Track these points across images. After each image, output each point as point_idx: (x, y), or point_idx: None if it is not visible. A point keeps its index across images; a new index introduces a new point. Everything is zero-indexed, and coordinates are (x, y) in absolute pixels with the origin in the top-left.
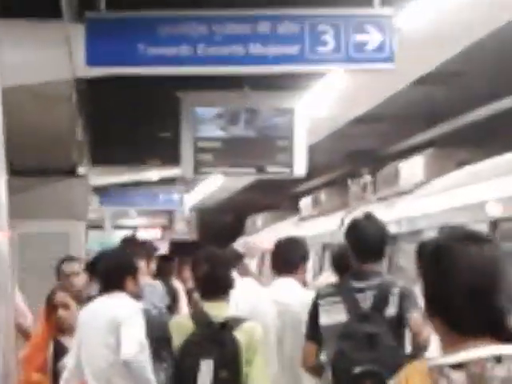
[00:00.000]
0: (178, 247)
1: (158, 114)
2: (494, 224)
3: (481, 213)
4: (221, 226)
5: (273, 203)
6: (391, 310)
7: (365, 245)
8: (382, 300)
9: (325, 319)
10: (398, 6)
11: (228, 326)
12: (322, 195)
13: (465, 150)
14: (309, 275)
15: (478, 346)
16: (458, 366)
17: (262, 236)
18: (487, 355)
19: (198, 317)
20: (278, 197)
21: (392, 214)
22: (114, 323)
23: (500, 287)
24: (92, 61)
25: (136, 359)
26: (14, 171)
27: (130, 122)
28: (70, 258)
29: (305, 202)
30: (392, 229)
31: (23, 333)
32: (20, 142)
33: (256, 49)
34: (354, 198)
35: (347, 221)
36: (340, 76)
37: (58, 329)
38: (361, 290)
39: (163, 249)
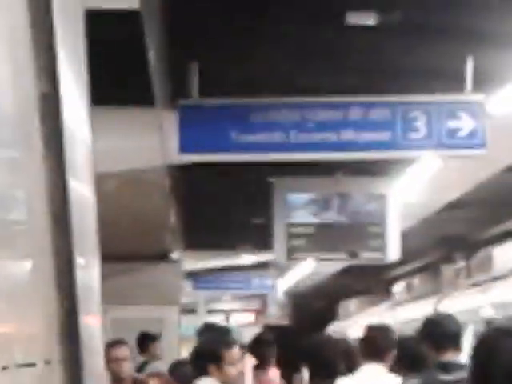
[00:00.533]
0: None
1: (251, 199)
2: None
3: None
4: (314, 311)
5: (365, 288)
6: None
7: (444, 334)
8: None
9: None
10: (490, 92)
11: None
12: (415, 280)
13: None
14: None
15: None
16: None
17: (355, 321)
18: None
19: None
20: (370, 282)
21: (487, 299)
22: None
23: None
24: (185, 148)
25: None
26: (107, 256)
27: (222, 207)
28: (119, 342)
29: (397, 287)
30: (486, 313)
31: None
32: (114, 227)
33: (348, 135)
34: (447, 283)
35: (440, 306)
36: (432, 162)
37: None
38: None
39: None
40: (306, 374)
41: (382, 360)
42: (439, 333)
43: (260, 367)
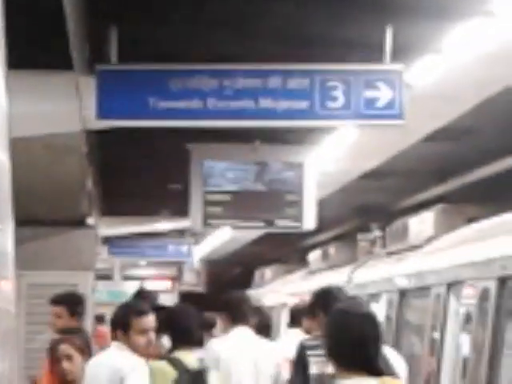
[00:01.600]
0: (187, 299)
1: (168, 166)
2: (502, 281)
3: (488, 270)
4: (229, 278)
5: (281, 256)
6: None
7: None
8: None
9: (314, 370)
10: (409, 62)
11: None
12: (331, 249)
13: (475, 205)
14: None
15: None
16: None
17: (270, 289)
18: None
19: (177, 364)
20: (287, 250)
21: (401, 269)
22: (117, 376)
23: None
24: (103, 114)
25: None
26: (22, 221)
27: (139, 173)
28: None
29: (313, 256)
30: (401, 283)
31: None
32: (29, 192)
33: (266, 103)
34: (362, 252)
35: (355, 274)
36: (350, 131)
37: (62, 381)
38: None
39: (172, 300)
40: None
41: (248, 324)
42: (334, 303)
43: None
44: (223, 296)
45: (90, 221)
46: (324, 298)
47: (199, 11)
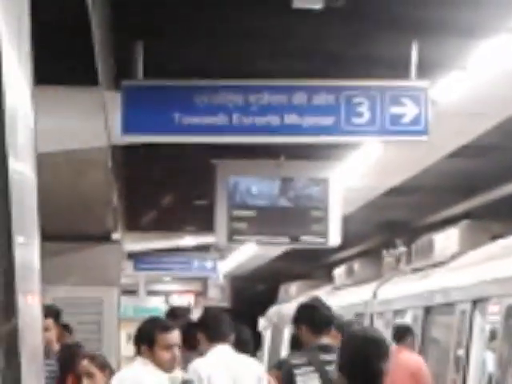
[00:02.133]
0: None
1: (194, 181)
2: None
3: None
4: (254, 294)
5: (306, 272)
6: None
7: (321, 318)
8: None
9: None
10: (434, 79)
11: None
12: (356, 265)
13: (500, 222)
14: None
15: None
16: None
17: (295, 305)
18: None
19: None
20: (312, 266)
21: (426, 285)
22: None
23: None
24: (128, 129)
25: None
26: (47, 236)
27: (165, 189)
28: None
29: (338, 272)
30: (426, 300)
31: None
32: (55, 207)
33: (291, 119)
34: (387, 268)
35: (381, 291)
36: (375, 147)
37: None
38: (329, 363)
39: (197, 315)
40: None
41: (226, 341)
42: (317, 317)
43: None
44: (200, 314)
45: (115, 236)
46: (307, 312)
47: (225, 27)
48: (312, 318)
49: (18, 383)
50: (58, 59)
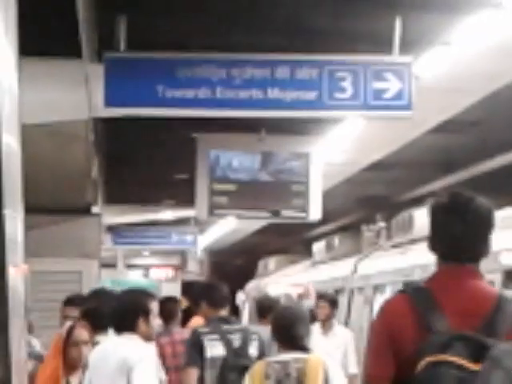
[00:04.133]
0: (189, 288)
1: (175, 155)
2: (509, 273)
3: (494, 262)
4: (233, 268)
5: (285, 247)
6: (253, 351)
7: (222, 296)
8: (246, 341)
9: (209, 353)
10: (417, 54)
11: None
12: (336, 240)
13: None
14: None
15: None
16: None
17: (274, 279)
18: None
19: None
20: (291, 240)
21: (406, 261)
22: (125, 366)
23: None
24: (110, 102)
25: None
26: (27, 209)
27: (145, 162)
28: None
29: (318, 247)
30: (406, 275)
31: None
32: (35, 179)
33: (274, 93)
34: (367, 243)
35: (360, 266)
36: (356, 122)
37: (70, 367)
38: (231, 332)
39: (176, 289)
40: None
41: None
42: (217, 295)
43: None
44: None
45: (95, 209)
46: (207, 290)
47: (209, 1)
48: (211, 295)
49: (6, 342)
50: (42, 32)
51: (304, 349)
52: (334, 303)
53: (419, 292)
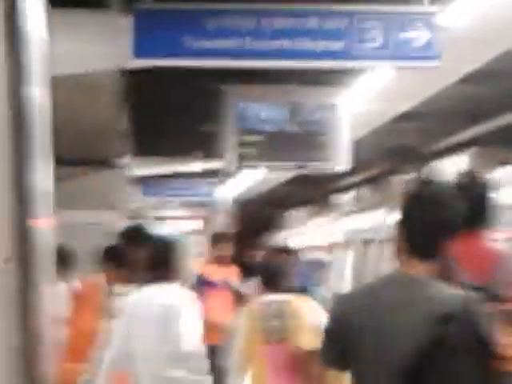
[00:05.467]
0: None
1: (203, 107)
2: None
3: None
4: (261, 219)
5: (313, 198)
6: None
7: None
8: None
9: None
10: (446, 4)
11: None
12: (364, 191)
13: (508, 149)
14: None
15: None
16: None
17: (301, 230)
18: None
19: None
20: (319, 192)
21: None
22: (172, 313)
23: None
24: (139, 52)
25: (198, 350)
26: (57, 161)
27: (173, 114)
28: None
29: (346, 198)
30: None
31: None
32: (64, 131)
33: (303, 43)
34: (396, 194)
35: (390, 217)
36: (384, 72)
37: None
38: None
39: (204, 239)
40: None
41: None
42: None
43: None
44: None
45: (124, 161)
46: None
47: None
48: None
49: (35, 288)
50: None
51: (289, 291)
52: None
53: None
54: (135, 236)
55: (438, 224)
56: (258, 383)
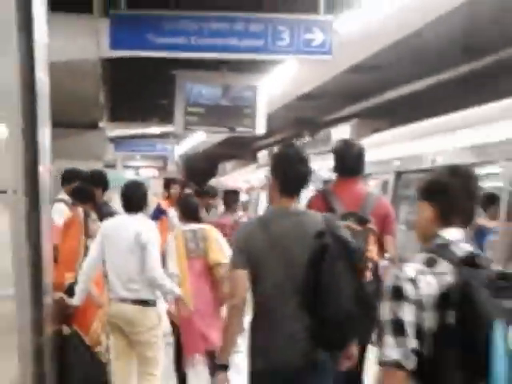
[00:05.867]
0: (169, 182)
1: (160, 86)
2: (398, 174)
3: (388, 167)
4: (200, 169)
5: (238, 154)
6: None
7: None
8: None
9: None
10: (337, 14)
11: None
12: (275, 149)
13: (379, 121)
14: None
15: None
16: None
17: (229, 177)
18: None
19: None
20: (242, 150)
21: (325, 164)
22: (140, 238)
23: None
24: (114, 46)
25: (159, 276)
26: (53, 124)
27: (139, 90)
28: None
29: (262, 155)
30: (326, 174)
31: None
32: (58, 103)
33: (233, 41)
34: None
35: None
36: (292, 64)
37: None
38: None
39: (159, 183)
40: None
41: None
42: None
43: None
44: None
45: (101, 124)
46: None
47: None
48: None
49: (39, 222)
50: None
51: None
52: None
53: (327, 192)
54: (99, 178)
55: (302, 174)
56: (184, 285)
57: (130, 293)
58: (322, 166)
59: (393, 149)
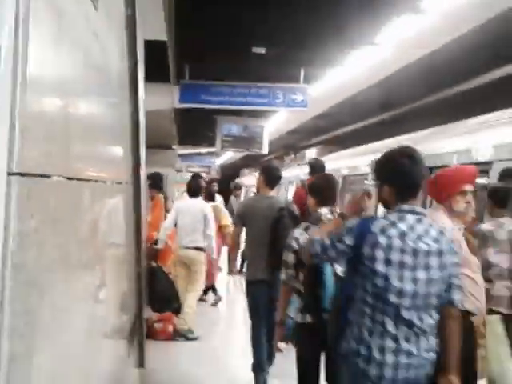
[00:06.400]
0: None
1: (205, 127)
2: (344, 177)
3: (338, 173)
4: (230, 173)
5: (251, 165)
6: None
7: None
8: None
9: None
10: (311, 84)
11: None
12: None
13: (332, 146)
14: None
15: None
16: None
17: (246, 178)
18: None
19: None
20: (254, 162)
21: (302, 171)
22: (204, 212)
23: None
24: (181, 101)
25: (213, 234)
26: (147, 146)
27: (196, 127)
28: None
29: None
30: (303, 176)
31: None
32: (150, 134)
33: (250, 99)
34: (285, 164)
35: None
36: (283, 113)
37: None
38: None
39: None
40: None
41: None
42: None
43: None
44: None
45: (174, 147)
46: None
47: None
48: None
49: (139, 201)
50: (151, 73)
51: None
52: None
53: (305, 185)
54: (156, 176)
55: (278, 176)
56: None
57: (192, 243)
58: (301, 172)
59: (340, 162)
